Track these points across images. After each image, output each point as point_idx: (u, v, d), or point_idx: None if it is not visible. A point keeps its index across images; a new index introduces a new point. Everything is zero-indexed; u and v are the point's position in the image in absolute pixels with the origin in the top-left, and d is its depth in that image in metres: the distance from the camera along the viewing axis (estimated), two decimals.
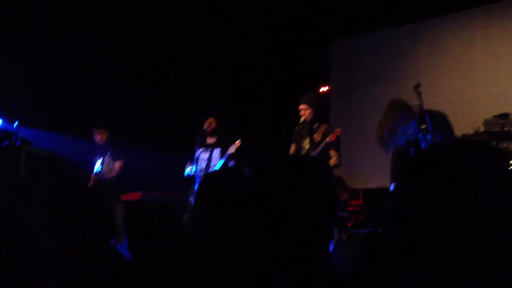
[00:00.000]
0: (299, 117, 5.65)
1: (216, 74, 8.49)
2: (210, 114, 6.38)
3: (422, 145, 4.20)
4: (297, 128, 5.76)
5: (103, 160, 6.71)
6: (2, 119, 7.20)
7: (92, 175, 6.70)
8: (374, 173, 7.35)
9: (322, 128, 5.68)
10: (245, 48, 8.40)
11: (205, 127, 6.28)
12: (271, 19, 7.89)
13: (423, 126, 4.18)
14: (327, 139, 5.42)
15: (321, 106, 6.06)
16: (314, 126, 5.69)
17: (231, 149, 6.11)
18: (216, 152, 6.23)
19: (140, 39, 7.91)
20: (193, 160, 6.31)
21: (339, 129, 5.50)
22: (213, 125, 6.29)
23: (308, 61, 8.52)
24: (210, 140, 6.35)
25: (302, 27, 8.04)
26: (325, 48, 8.91)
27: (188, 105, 8.06)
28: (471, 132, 6.62)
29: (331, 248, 1.33)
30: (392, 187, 4.66)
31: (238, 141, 6.15)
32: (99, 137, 6.78)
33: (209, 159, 6.22)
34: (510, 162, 1.03)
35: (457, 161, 0.98)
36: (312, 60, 8.64)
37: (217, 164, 6.15)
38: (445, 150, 1.02)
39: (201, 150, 6.31)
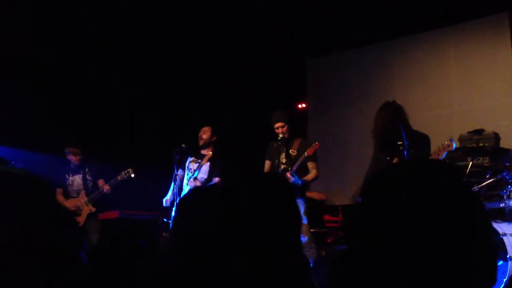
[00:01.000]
0: (274, 134, 5.67)
1: (194, 92, 8.48)
2: (206, 123, 6.26)
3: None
4: (275, 144, 5.76)
5: (84, 177, 6.62)
6: None
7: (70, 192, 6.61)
8: (353, 188, 7.40)
9: (297, 142, 5.71)
10: (221, 64, 8.43)
11: (199, 137, 6.13)
12: (248, 36, 7.95)
13: (400, 143, 4.23)
14: (305, 153, 5.43)
15: (298, 122, 6.08)
16: (290, 141, 5.72)
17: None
18: (205, 166, 6.09)
19: (119, 60, 7.87)
20: (184, 171, 6.17)
21: (316, 142, 5.51)
22: (206, 136, 6.11)
23: (284, 78, 8.57)
24: (204, 152, 6.17)
25: (279, 44, 8.11)
26: (301, 65, 9.00)
27: (165, 122, 8.01)
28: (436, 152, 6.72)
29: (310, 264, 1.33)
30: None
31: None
32: (73, 156, 6.65)
33: (198, 172, 6.07)
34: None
35: (412, 180, 1.03)
36: (288, 77, 8.69)
37: (206, 177, 6.01)
38: (402, 170, 1.08)
39: (192, 159, 6.20)
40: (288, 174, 5.39)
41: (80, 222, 6.43)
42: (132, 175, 6.42)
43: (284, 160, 5.64)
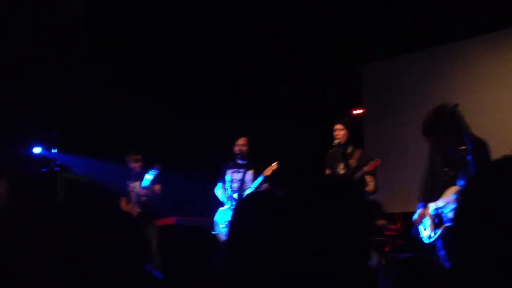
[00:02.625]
0: (333, 140, 5.60)
1: (247, 97, 8.53)
2: (241, 134, 6.34)
3: (470, 169, 4.06)
4: (331, 151, 5.69)
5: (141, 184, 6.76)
6: (42, 147, 7.38)
7: (132, 198, 6.77)
8: (411, 196, 7.20)
9: (357, 154, 5.60)
10: (278, 70, 8.44)
11: (236, 149, 6.24)
12: (305, 41, 7.92)
13: (463, 148, 4.08)
14: (365, 169, 5.33)
15: (355, 129, 6.00)
16: (349, 151, 5.61)
17: (267, 172, 6.03)
18: (249, 174, 6.18)
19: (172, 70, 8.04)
20: (224, 182, 6.27)
21: (378, 160, 5.39)
22: (245, 148, 6.25)
23: (342, 84, 8.49)
24: (241, 162, 6.30)
25: (336, 49, 8.05)
26: (358, 71, 8.89)
27: (220, 130, 8.09)
28: (510, 153, 6.44)
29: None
30: (421, 206, 4.53)
31: (275, 163, 6.06)
32: (134, 163, 6.80)
33: (242, 181, 6.16)
34: None
35: None
36: (346, 83, 8.61)
37: (251, 186, 6.09)
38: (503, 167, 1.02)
39: (232, 171, 6.27)
40: None
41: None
42: (159, 169, 6.53)
43: (342, 171, 5.55)
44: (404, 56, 8.40)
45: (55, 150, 6.44)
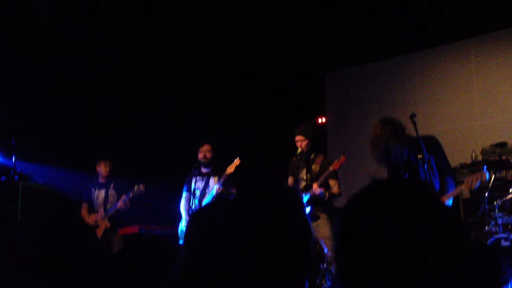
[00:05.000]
0: (296, 148, 5.65)
1: (212, 107, 8.53)
2: (205, 141, 6.35)
3: (421, 174, 4.17)
4: (294, 159, 5.75)
5: (106, 192, 6.73)
6: (0, 154, 7.20)
7: (96, 206, 6.71)
8: None
9: (320, 159, 5.67)
10: (242, 81, 8.47)
11: (201, 156, 6.24)
12: (268, 52, 7.98)
13: (420, 156, 4.17)
14: (331, 168, 5.39)
15: (318, 136, 6.06)
16: (311, 157, 5.68)
17: (230, 169, 6.00)
18: (212, 181, 6.18)
19: (140, 74, 7.98)
20: (188, 191, 6.26)
21: (343, 156, 5.47)
22: (209, 154, 6.25)
23: (305, 93, 8.58)
24: (205, 170, 6.31)
25: (298, 59, 8.12)
26: (321, 80, 9.00)
27: (185, 139, 8.06)
28: (468, 161, 6.63)
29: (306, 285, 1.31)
30: None
31: (237, 159, 6.04)
32: (104, 169, 6.76)
33: (205, 188, 6.17)
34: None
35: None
36: (309, 92, 8.70)
37: (211, 191, 6.08)
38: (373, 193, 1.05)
39: (196, 179, 6.27)
40: (316, 185, 5.34)
41: (97, 236, 6.50)
42: (143, 190, 6.51)
43: (304, 177, 5.60)
44: (367, 66, 8.56)
45: (14, 158, 6.28)
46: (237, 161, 6.03)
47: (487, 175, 4.05)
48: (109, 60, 7.55)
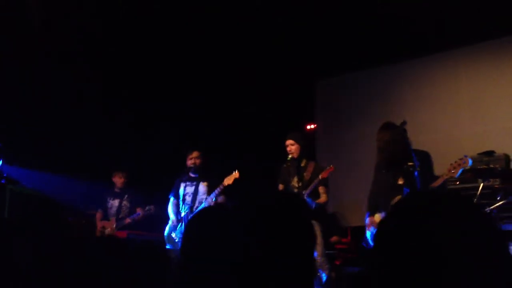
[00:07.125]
0: (286, 155, 5.66)
1: (203, 113, 8.51)
2: (195, 148, 6.36)
3: (418, 183, 4.19)
4: (284, 166, 5.75)
5: (120, 202, 6.83)
6: None
7: (110, 214, 6.93)
8: (362, 209, 7.33)
9: (311, 166, 5.68)
10: (232, 88, 8.46)
11: (189, 163, 6.24)
12: (260, 57, 7.99)
13: (410, 164, 4.20)
14: (320, 176, 5.41)
15: (307, 143, 6.08)
16: (302, 164, 5.68)
17: (227, 180, 5.96)
18: (202, 187, 6.17)
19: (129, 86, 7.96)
20: (176, 196, 6.27)
21: (331, 166, 5.50)
22: (198, 161, 6.25)
23: (294, 99, 8.59)
24: (194, 175, 6.30)
25: (288, 66, 8.14)
26: (311, 86, 9.02)
27: (172, 143, 8.03)
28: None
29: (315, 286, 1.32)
30: (367, 215, 4.67)
31: (236, 172, 6.00)
32: (119, 180, 6.98)
33: (195, 194, 6.16)
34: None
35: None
36: (298, 99, 8.71)
37: (204, 198, 6.08)
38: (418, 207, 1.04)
39: (185, 184, 6.25)
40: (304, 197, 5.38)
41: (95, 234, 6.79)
42: (153, 211, 6.84)
43: (296, 184, 5.60)
44: (357, 73, 8.59)
45: (0, 162, 6.22)
46: (235, 174, 5.97)
47: (469, 161, 4.16)
48: (91, 66, 7.53)
